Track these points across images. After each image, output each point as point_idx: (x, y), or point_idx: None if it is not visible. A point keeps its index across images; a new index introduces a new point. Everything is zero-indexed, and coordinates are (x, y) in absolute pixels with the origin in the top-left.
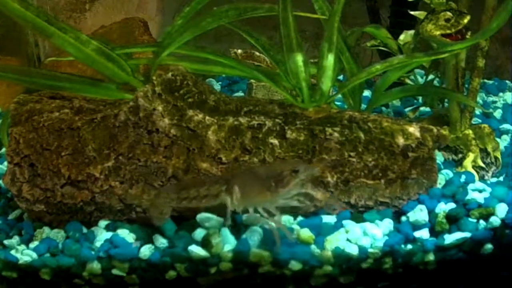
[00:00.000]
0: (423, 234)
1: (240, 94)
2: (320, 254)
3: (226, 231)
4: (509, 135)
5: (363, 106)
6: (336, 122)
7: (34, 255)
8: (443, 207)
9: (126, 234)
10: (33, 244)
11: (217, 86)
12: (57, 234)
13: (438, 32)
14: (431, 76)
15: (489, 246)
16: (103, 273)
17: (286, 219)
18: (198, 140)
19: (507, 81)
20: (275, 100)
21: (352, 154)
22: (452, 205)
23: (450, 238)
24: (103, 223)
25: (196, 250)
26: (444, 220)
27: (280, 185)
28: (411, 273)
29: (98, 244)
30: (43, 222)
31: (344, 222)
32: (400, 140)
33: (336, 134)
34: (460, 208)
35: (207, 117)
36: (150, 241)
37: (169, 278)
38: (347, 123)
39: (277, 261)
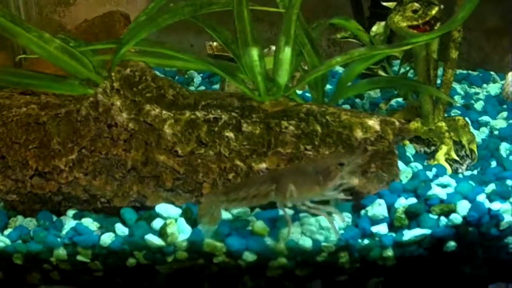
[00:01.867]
0: (381, 229)
1: (218, 86)
2: (273, 246)
3: (182, 221)
4: (488, 127)
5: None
6: (292, 115)
7: (7, 241)
8: (403, 202)
9: (89, 223)
10: (7, 231)
11: (197, 78)
12: (29, 223)
13: (404, 24)
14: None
15: (452, 243)
16: (69, 259)
17: (242, 211)
18: (155, 133)
19: (491, 72)
20: (235, 93)
21: (308, 147)
22: (413, 200)
23: (409, 234)
24: (71, 212)
25: (152, 239)
26: (403, 216)
27: (328, 178)
28: (370, 268)
29: (64, 232)
30: (17, 211)
31: (301, 215)
32: (359, 133)
33: (291, 127)
34: (420, 203)
35: (164, 112)
36: (112, 229)
37: (130, 265)
38: (304, 116)
39: (231, 252)
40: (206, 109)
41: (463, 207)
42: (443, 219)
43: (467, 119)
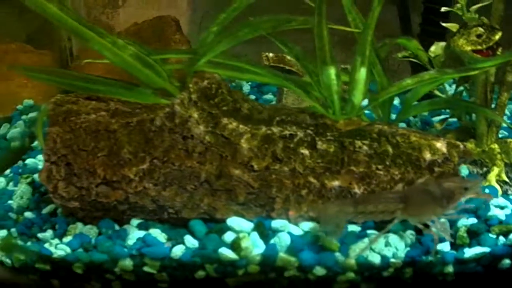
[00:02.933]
0: (443, 246)
1: (269, 96)
2: (344, 261)
3: (255, 235)
4: None
5: (393, 116)
6: (365, 135)
7: (68, 250)
8: (465, 222)
9: (158, 234)
10: (66, 239)
11: (246, 87)
12: (90, 230)
13: (469, 48)
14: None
15: (507, 261)
16: (134, 270)
17: (307, 225)
18: (231, 147)
19: None
20: (306, 110)
21: (379, 167)
22: (473, 220)
23: (470, 252)
24: (135, 221)
25: (226, 252)
26: (465, 235)
27: (451, 201)
28: (430, 283)
29: (130, 242)
30: (76, 217)
31: (368, 231)
32: (427, 155)
33: (365, 147)
34: (481, 223)
35: (240, 126)
36: (181, 241)
37: (198, 278)
38: (376, 137)
39: (303, 267)
40: (281, 125)
41: None
42: (501, 239)
43: None
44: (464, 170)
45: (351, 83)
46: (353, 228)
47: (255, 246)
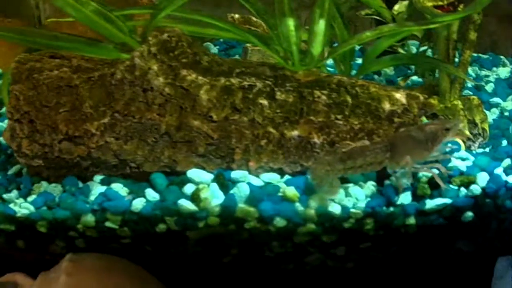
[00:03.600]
0: (404, 197)
1: (237, 58)
2: (304, 212)
3: (214, 186)
4: (499, 108)
5: (354, 72)
6: (324, 85)
7: (32, 208)
8: (426, 173)
9: (119, 188)
10: (30, 198)
11: (214, 50)
12: (54, 188)
13: (430, 3)
14: (425, 47)
15: (469, 214)
16: (97, 226)
17: (273, 177)
18: (191, 98)
19: (501, 57)
20: (266, 63)
21: (339, 116)
22: (434, 171)
23: (431, 203)
24: (98, 177)
25: (185, 203)
26: (426, 185)
27: (435, 143)
28: (392, 235)
29: (92, 197)
30: (41, 177)
31: None
32: (386, 106)
33: (324, 97)
34: (442, 174)
35: (199, 77)
36: (143, 195)
37: (160, 231)
38: (335, 87)
39: (263, 218)
40: (241, 76)
41: (482, 179)
42: (462, 190)
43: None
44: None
45: (310, 35)
46: None
47: (214, 197)
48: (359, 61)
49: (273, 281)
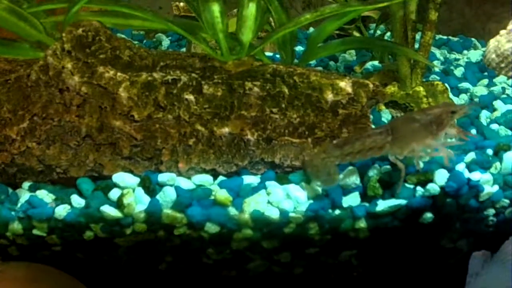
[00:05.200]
0: (353, 199)
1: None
2: (237, 216)
3: (140, 191)
4: (468, 94)
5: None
6: (257, 75)
7: None
8: (377, 170)
9: (44, 195)
10: None
11: (166, 42)
12: None
13: None
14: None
15: (428, 215)
16: (25, 233)
17: (205, 179)
18: (110, 97)
19: (472, 39)
20: (197, 54)
21: (274, 110)
22: (387, 168)
23: (382, 205)
24: (26, 184)
25: (109, 210)
26: (377, 185)
27: (440, 127)
28: (341, 240)
29: (19, 205)
30: None
31: (267, 183)
32: (329, 96)
33: (256, 89)
34: (395, 171)
35: (118, 73)
36: (68, 201)
37: (88, 239)
38: (270, 77)
39: (192, 223)
40: (165, 70)
41: (441, 176)
42: (419, 189)
43: (446, 85)
44: (386, 114)
45: (239, 20)
46: (252, 180)
47: (138, 203)
48: None
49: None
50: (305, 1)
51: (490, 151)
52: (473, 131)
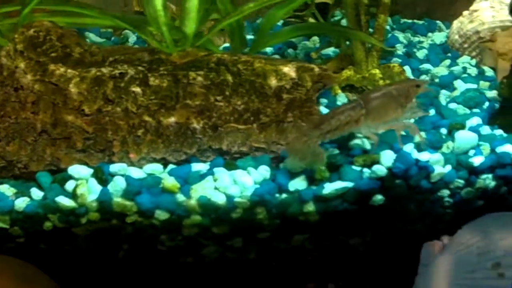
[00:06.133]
0: (300, 183)
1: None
2: (184, 203)
3: (93, 181)
4: (429, 75)
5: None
6: (202, 65)
7: None
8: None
9: (6, 189)
10: None
11: (132, 38)
12: None
13: None
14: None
15: (378, 197)
16: None
17: (155, 168)
18: (61, 93)
19: (437, 22)
20: (146, 47)
21: (219, 98)
22: (334, 151)
23: (329, 188)
24: None
25: (63, 200)
26: (324, 168)
27: (408, 100)
28: (291, 224)
29: None
30: None
31: (215, 170)
32: (273, 81)
33: (200, 78)
34: (341, 154)
35: (69, 70)
36: (28, 194)
37: (47, 229)
38: (215, 66)
39: (142, 211)
40: (113, 65)
41: (388, 157)
42: (366, 171)
43: (407, 67)
44: (342, 98)
45: (182, 12)
46: (201, 167)
47: (91, 193)
48: None
49: (174, 274)
50: None
51: (444, 131)
52: (432, 111)
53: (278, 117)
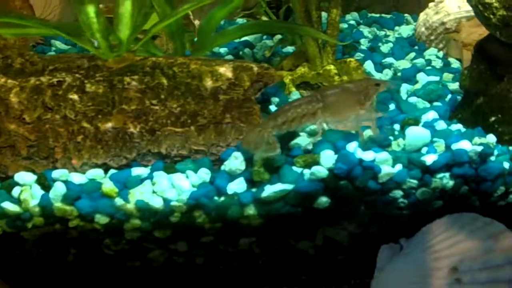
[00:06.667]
0: (238, 185)
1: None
2: (124, 207)
3: (36, 187)
4: (392, 69)
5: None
6: (137, 70)
7: None
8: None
9: None
10: None
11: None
12: None
13: None
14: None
15: (323, 199)
16: None
17: (97, 173)
18: (3, 103)
19: (405, 15)
20: (86, 54)
21: (154, 101)
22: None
23: (268, 190)
24: None
25: (8, 206)
26: (262, 169)
27: (367, 98)
28: (234, 228)
29: None
30: None
31: (155, 173)
32: (208, 83)
33: (134, 83)
34: (280, 155)
35: (9, 81)
36: None
37: None
38: (150, 70)
39: (83, 215)
40: (52, 73)
41: (328, 158)
42: (307, 172)
43: (369, 61)
44: (296, 95)
45: (115, 18)
46: (141, 171)
47: (33, 198)
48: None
49: (124, 279)
50: None
51: (397, 126)
52: (392, 106)
53: (216, 119)
